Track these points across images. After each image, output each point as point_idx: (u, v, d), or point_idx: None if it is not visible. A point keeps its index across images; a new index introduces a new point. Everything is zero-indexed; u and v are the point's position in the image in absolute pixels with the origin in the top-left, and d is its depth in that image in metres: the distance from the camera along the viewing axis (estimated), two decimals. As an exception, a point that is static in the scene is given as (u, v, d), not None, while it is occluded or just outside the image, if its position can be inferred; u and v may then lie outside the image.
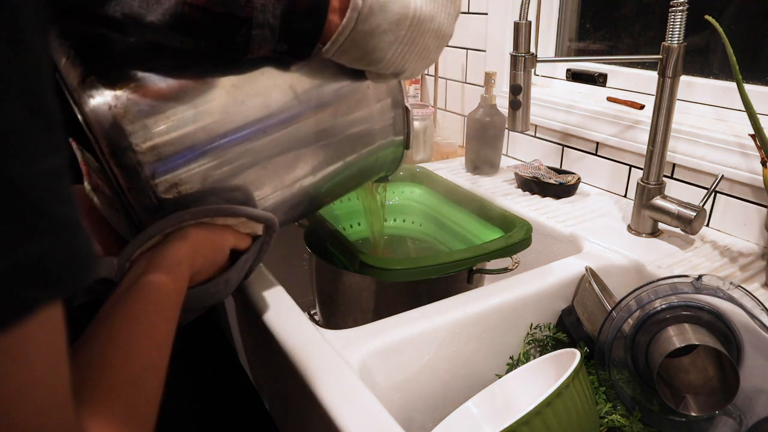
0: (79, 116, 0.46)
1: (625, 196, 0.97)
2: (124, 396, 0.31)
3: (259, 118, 0.50)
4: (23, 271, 0.19)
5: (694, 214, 0.76)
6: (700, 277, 0.59)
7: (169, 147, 0.46)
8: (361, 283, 0.70)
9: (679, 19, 0.72)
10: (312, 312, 0.85)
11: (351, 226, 0.90)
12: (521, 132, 0.79)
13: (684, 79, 0.82)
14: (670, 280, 0.61)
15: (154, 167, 0.46)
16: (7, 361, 0.20)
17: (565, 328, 0.69)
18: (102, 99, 0.45)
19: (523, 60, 0.74)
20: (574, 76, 1.02)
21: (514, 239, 0.70)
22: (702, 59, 0.89)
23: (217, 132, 0.49)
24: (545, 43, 1.14)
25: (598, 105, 0.98)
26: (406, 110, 0.62)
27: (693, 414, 0.58)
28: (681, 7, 0.71)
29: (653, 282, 0.61)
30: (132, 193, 0.46)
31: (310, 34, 0.46)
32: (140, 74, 0.47)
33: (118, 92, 0.45)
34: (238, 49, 0.46)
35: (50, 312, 0.21)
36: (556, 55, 1.15)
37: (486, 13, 1.17)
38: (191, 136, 0.47)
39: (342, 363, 0.53)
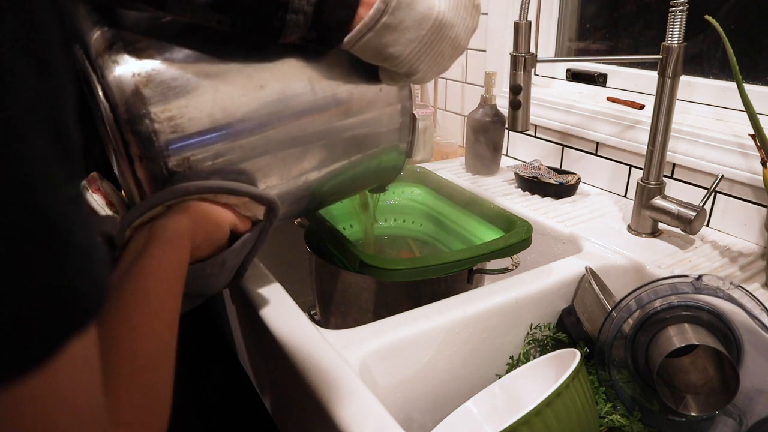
0: (98, 85, 0.46)
1: (625, 196, 0.97)
2: (143, 382, 0.31)
3: (275, 104, 0.52)
4: (56, 301, 0.19)
5: (694, 214, 0.76)
6: (700, 277, 0.59)
7: (186, 121, 0.47)
8: (361, 283, 0.70)
9: (679, 19, 0.72)
10: (312, 312, 0.85)
11: (351, 226, 0.90)
12: (521, 132, 0.79)
13: (684, 79, 0.82)
14: (670, 280, 0.61)
15: (168, 138, 0.47)
16: (49, 393, 0.20)
17: (565, 328, 0.69)
18: (126, 66, 0.46)
19: (523, 60, 0.74)
20: (574, 76, 1.02)
21: (514, 239, 0.70)
22: (702, 59, 0.89)
23: (234, 113, 0.50)
24: (545, 43, 1.14)
25: (598, 105, 0.98)
26: (413, 118, 0.63)
27: (693, 414, 0.58)
28: (681, 7, 0.71)
29: (653, 282, 0.61)
30: (143, 163, 0.47)
31: (340, 25, 0.48)
32: (167, 49, 0.48)
33: (144, 61, 0.46)
34: (272, 32, 0.47)
35: (84, 338, 0.21)
36: (556, 55, 1.15)
37: (486, 13, 1.17)
38: (209, 112, 0.48)
39: (342, 363, 0.53)
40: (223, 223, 0.49)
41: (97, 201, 0.52)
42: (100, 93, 0.46)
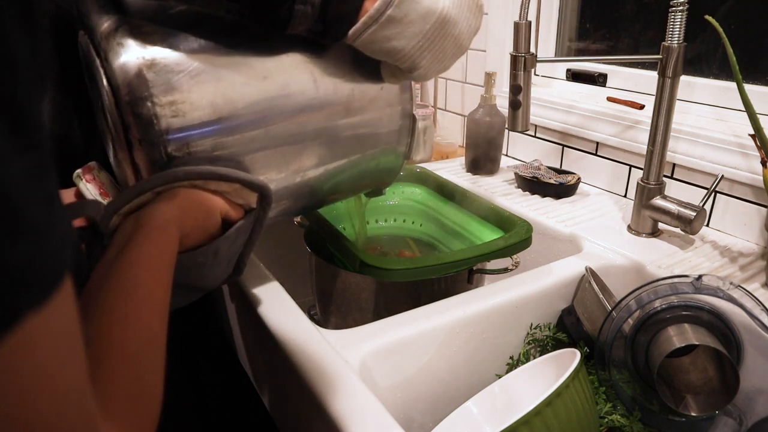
0: (101, 69, 0.46)
1: (625, 196, 0.97)
2: (131, 373, 0.31)
3: (277, 96, 0.52)
4: (4, 278, 0.19)
5: (694, 214, 0.76)
6: (700, 277, 0.59)
7: (188, 106, 0.47)
8: (361, 283, 0.70)
9: (679, 19, 0.72)
10: (312, 312, 0.85)
11: (352, 226, 0.90)
12: (521, 132, 0.79)
13: (684, 79, 0.82)
14: (670, 280, 0.61)
15: (169, 122, 0.47)
16: (11, 366, 0.20)
17: (565, 328, 0.69)
18: (131, 49, 0.46)
19: (523, 60, 0.74)
20: (574, 76, 1.02)
21: (514, 239, 0.70)
22: (702, 59, 0.89)
23: (236, 101, 0.50)
24: (545, 43, 1.14)
25: (598, 105, 0.98)
26: (413, 120, 0.63)
27: (693, 414, 0.58)
28: (681, 7, 0.71)
29: (653, 282, 0.61)
30: (142, 146, 0.46)
31: (346, 17, 0.49)
32: (172, 35, 0.48)
33: (148, 46, 0.47)
34: (280, 22, 0.48)
35: (45, 313, 0.21)
36: (556, 55, 1.15)
37: (486, 13, 1.17)
38: (211, 100, 0.48)
39: (342, 363, 0.53)
40: (213, 210, 0.48)
41: (90, 190, 0.52)
42: (103, 76, 0.46)
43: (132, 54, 0.46)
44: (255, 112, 0.51)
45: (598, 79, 0.99)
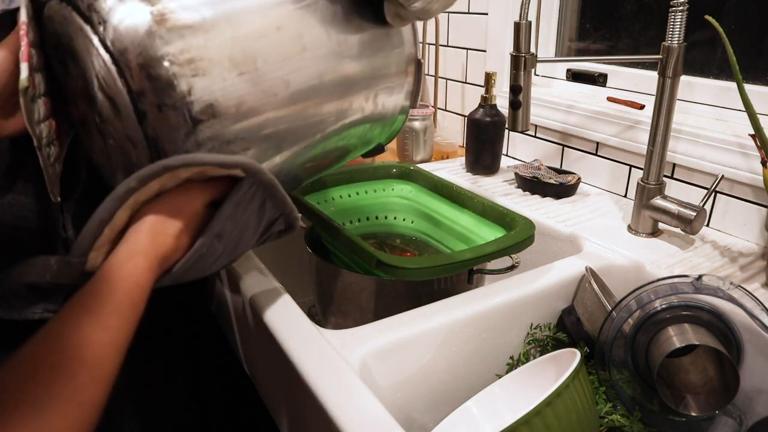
0: (93, 36, 0.42)
1: (625, 196, 0.97)
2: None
3: (293, 46, 0.49)
4: None
5: (694, 214, 0.76)
6: (700, 277, 0.59)
7: (207, 63, 0.44)
8: (361, 283, 0.70)
9: (679, 19, 0.72)
10: (312, 311, 0.85)
11: (351, 222, 0.90)
12: (521, 132, 0.79)
13: (684, 79, 0.82)
14: (670, 280, 0.61)
15: (190, 82, 0.43)
16: None
17: (565, 328, 0.69)
18: (135, 5, 0.42)
19: (523, 60, 0.74)
20: (574, 76, 1.02)
21: (519, 238, 0.69)
22: (702, 59, 0.89)
23: (254, 55, 0.47)
24: (545, 43, 1.14)
25: (598, 105, 0.98)
26: (418, 64, 0.61)
27: (693, 414, 0.58)
28: (681, 7, 0.71)
29: (653, 282, 0.61)
30: (162, 112, 0.43)
31: None
32: None
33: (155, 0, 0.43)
34: None
35: None
36: (556, 55, 1.15)
37: (486, 13, 1.17)
38: (229, 54, 0.45)
39: (342, 363, 0.53)
40: (190, 209, 0.45)
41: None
42: (98, 44, 0.42)
43: (138, 11, 0.42)
44: (272, 63, 0.48)
45: (598, 79, 0.99)
